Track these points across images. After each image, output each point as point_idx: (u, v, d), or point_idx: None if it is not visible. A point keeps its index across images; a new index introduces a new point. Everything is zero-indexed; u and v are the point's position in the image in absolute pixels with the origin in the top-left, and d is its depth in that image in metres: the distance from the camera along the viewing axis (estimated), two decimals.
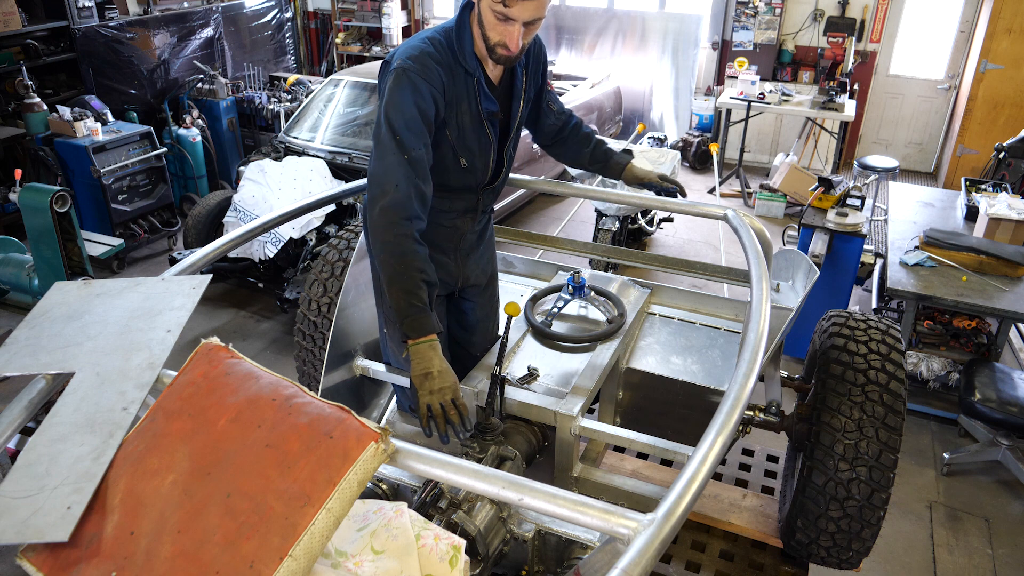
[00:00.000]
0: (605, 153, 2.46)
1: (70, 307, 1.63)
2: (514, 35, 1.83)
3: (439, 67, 1.88)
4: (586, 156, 2.46)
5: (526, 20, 1.81)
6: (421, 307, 1.76)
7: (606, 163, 2.46)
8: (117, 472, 1.28)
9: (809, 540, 2.11)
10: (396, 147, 1.82)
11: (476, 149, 2.06)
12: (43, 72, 6.50)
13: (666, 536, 1.13)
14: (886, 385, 2.01)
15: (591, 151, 2.45)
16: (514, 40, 1.84)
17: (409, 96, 1.83)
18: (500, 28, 1.83)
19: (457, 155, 2.03)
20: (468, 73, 1.95)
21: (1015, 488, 3.82)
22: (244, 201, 4.81)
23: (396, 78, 1.86)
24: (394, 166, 1.81)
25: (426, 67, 1.86)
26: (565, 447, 2.11)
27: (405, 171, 1.81)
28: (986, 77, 6.84)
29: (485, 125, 2.03)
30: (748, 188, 7.29)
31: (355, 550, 1.35)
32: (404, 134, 1.82)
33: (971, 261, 4.11)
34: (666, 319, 2.68)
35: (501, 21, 1.81)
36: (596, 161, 2.47)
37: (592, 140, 2.46)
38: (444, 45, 1.93)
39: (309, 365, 2.78)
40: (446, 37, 1.95)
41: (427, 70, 1.86)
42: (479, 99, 1.98)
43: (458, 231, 2.20)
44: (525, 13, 1.80)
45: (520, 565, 1.79)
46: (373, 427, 1.24)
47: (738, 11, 8.01)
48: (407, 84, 1.84)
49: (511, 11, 1.78)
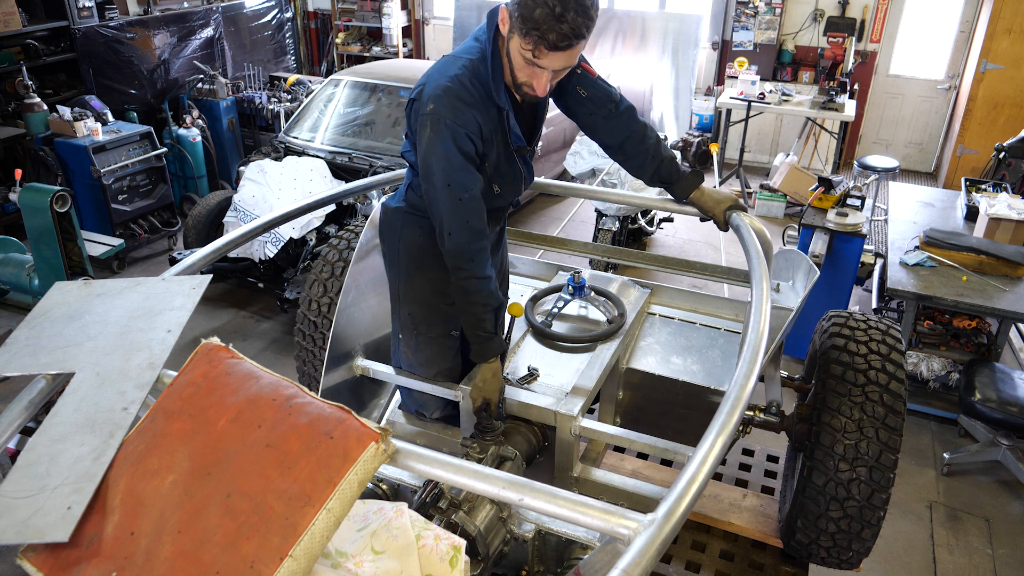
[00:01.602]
0: (671, 174, 2.22)
1: (70, 307, 1.63)
2: (543, 81, 1.81)
3: (472, 108, 1.85)
4: (648, 171, 2.21)
5: (557, 68, 1.80)
6: (485, 336, 1.98)
7: (672, 184, 2.24)
8: (117, 472, 1.28)
9: (809, 540, 2.11)
10: (447, 195, 1.85)
11: (509, 177, 2.07)
12: (43, 72, 6.50)
13: (666, 536, 1.13)
14: (886, 385, 2.01)
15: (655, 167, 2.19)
16: (542, 85, 1.82)
17: (451, 144, 1.83)
18: (528, 71, 1.81)
19: (491, 183, 2.04)
20: (499, 108, 1.92)
21: (1015, 488, 3.82)
22: (244, 201, 4.81)
23: (433, 127, 1.83)
24: (448, 213, 1.87)
25: (459, 112, 1.83)
26: (565, 447, 2.11)
27: (458, 217, 1.87)
28: (986, 77, 6.83)
29: (515, 156, 2.03)
30: (748, 188, 7.28)
31: (355, 550, 1.35)
32: (454, 180, 1.84)
33: (971, 261, 4.11)
34: (666, 319, 2.68)
35: (529, 64, 1.79)
36: (658, 179, 2.23)
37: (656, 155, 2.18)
38: (474, 81, 1.87)
39: (309, 365, 2.78)
40: (473, 72, 1.88)
41: (460, 115, 1.83)
42: (508, 134, 1.97)
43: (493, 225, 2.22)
44: (556, 63, 1.77)
45: (520, 565, 1.80)
46: (373, 427, 1.24)
47: (738, 11, 8.00)
48: (446, 133, 1.82)
49: (541, 61, 1.76)
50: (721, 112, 7.49)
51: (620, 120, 2.15)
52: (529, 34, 1.70)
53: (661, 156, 2.19)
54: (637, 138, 2.17)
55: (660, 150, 2.19)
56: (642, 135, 2.17)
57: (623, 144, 2.18)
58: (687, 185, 2.24)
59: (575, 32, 1.69)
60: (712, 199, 2.24)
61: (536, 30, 1.68)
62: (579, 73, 2.09)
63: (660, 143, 2.20)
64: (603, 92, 2.12)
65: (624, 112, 2.15)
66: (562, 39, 1.69)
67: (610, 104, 2.13)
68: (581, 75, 2.10)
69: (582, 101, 2.13)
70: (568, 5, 1.66)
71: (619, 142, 2.18)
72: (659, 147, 2.19)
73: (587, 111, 2.14)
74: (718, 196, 2.24)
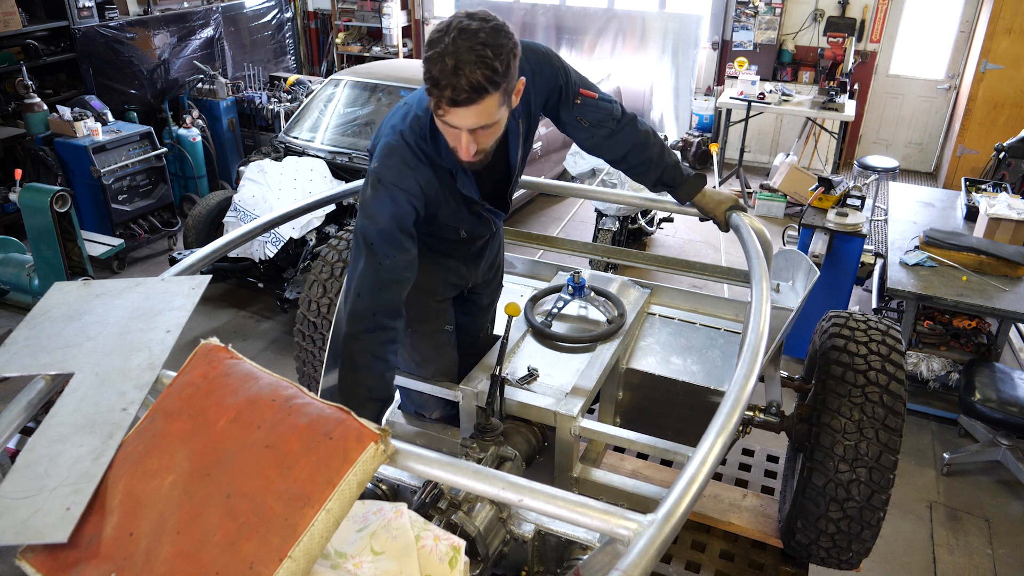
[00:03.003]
0: (674, 178, 2.20)
1: (70, 307, 1.62)
2: (463, 142, 1.68)
3: (414, 172, 1.79)
4: (652, 179, 2.20)
5: (469, 127, 1.66)
6: None
7: (675, 188, 2.22)
8: (116, 473, 1.28)
9: (809, 541, 2.11)
10: (368, 254, 1.78)
11: (476, 223, 2.03)
12: (43, 72, 6.50)
13: (666, 537, 1.13)
14: (886, 386, 2.00)
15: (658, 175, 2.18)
16: (463, 147, 1.69)
17: (386, 206, 1.77)
18: (449, 133, 1.71)
19: (458, 229, 2.01)
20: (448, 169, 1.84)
21: (1015, 488, 3.81)
22: (244, 201, 4.81)
23: (373, 186, 1.79)
24: (363, 274, 1.78)
25: (400, 174, 1.78)
26: (565, 447, 2.11)
27: (372, 281, 1.78)
28: (986, 77, 6.83)
29: (478, 208, 1.98)
30: (748, 188, 7.28)
31: (355, 551, 1.34)
32: (377, 244, 1.77)
33: (971, 261, 4.11)
34: (666, 319, 2.68)
35: (446, 126, 1.68)
36: (662, 185, 2.21)
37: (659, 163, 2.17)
38: (419, 140, 1.81)
39: (309, 365, 2.78)
40: (418, 131, 1.81)
41: (402, 177, 1.78)
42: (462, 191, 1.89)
43: (471, 242, 2.20)
44: (466, 121, 1.64)
45: (520, 566, 1.79)
46: (373, 428, 1.24)
47: (738, 11, 8.00)
48: (384, 195, 1.78)
49: (449, 118, 1.64)
50: (721, 112, 7.49)
51: (622, 135, 2.12)
52: (431, 92, 1.62)
53: (664, 163, 2.18)
54: (639, 148, 2.15)
55: (663, 157, 2.17)
56: (644, 144, 2.15)
57: (626, 156, 2.17)
58: (690, 189, 2.22)
59: (473, 86, 1.57)
60: (713, 200, 2.24)
61: (436, 87, 1.60)
62: (579, 103, 2.05)
63: (664, 150, 2.18)
64: (604, 114, 2.09)
65: (625, 126, 2.12)
66: (459, 93, 1.58)
67: (611, 123, 2.10)
68: (581, 105, 2.06)
69: (583, 129, 2.11)
70: (464, 59, 1.56)
71: (622, 155, 2.17)
72: (663, 154, 2.17)
73: (588, 135, 2.12)
74: (719, 197, 2.24)
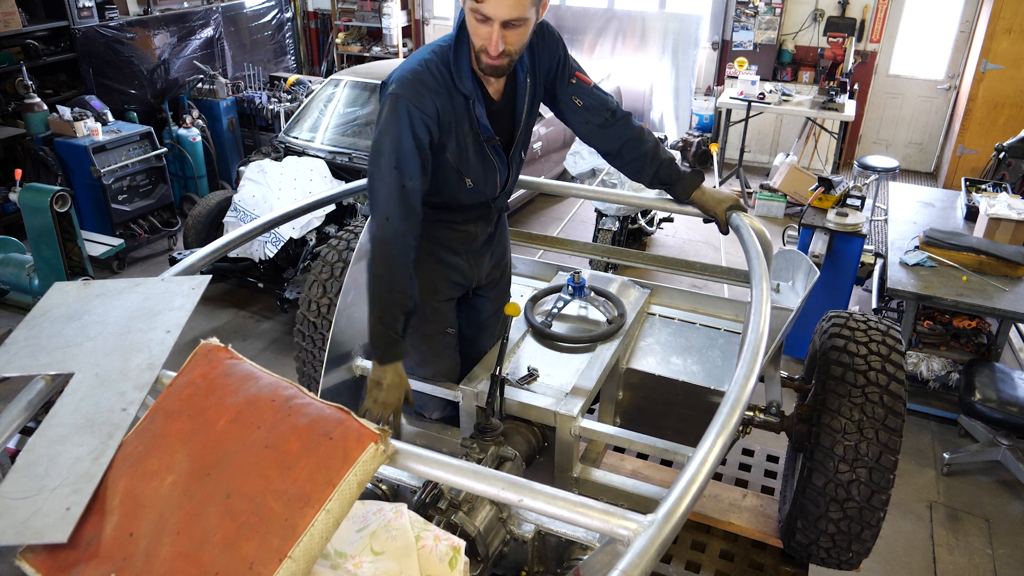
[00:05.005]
0: (671, 175, 2.20)
1: (70, 307, 1.63)
2: (492, 37, 1.75)
3: (433, 94, 1.84)
4: (648, 175, 2.20)
5: (503, 19, 1.73)
6: (394, 336, 1.88)
7: (672, 185, 2.22)
8: (116, 473, 1.28)
9: (809, 541, 2.11)
10: (393, 178, 1.82)
11: (480, 169, 2.04)
12: (43, 72, 6.50)
13: (666, 537, 1.13)
14: (886, 386, 2.00)
15: (654, 170, 2.19)
16: (492, 42, 1.75)
17: (406, 126, 1.82)
18: (480, 31, 1.77)
19: (462, 176, 2.01)
20: (465, 97, 1.89)
21: (1015, 488, 3.81)
22: (244, 201, 4.81)
23: (390, 105, 1.83)
24: (389, 197, 1.83)
25: (419, 94, 1.83)
26: (565, 447, 2.11)
27: (399, 204, 1.83)
28: (986, 77, 6.83)
29: (486, 148, 2.00)
30: (748, 188, 7.28)
31: (355, 551, 1.34)
32: (401, 164, 1.82)
33: (971, 261, 4.11)
34: (666, 319, 2.68)
35: (480, 22, 1.75)
36: (659, 181, 2.22)
37: (655, 158, 2.18)
38: (441, 66, 1.87)
39: (309, 366, 2.77)
40: (442, 57, 1.88)
41: (420, 97, 1.83)
42: (477, 124, 1.94)
43: (471, 235, 2.20)
44: (500, 10, 1.71)
45: (520, 566, 1.79)
46: (373, 428, 1.24)
47: (738, 11, 8.00)
48: (403, 114, 1.82)
49: (484, 7, 1.71)
50: (721, 112, 7.48)
51: (617, 128, 2.15)
52: None
53: (660, 159, 2.19)
54: (634, 143, 2.17)
55: (658, 153, 2.19)
56: (639, 139, 2.17)
57: (621, 150, 2.19)
58: (687, 186, 2.23)
59: None
60: (713, 199, 2.23)
61: None
62: (574, 83, 2.10)
63: (658, 146, 2.20)
64: (599, 101, 2.13)
65: (620, 120, 2.15)
66: None
67: (606, 112, 2.13)
68: (576, 85, 2.10)
69: (578, 111, 2.13)
70: None
71: (617, 148, 2.19)
72: (657, 150, 2.19)
73: (583, 120, 2.15)
74: (719, 196, 2.24)
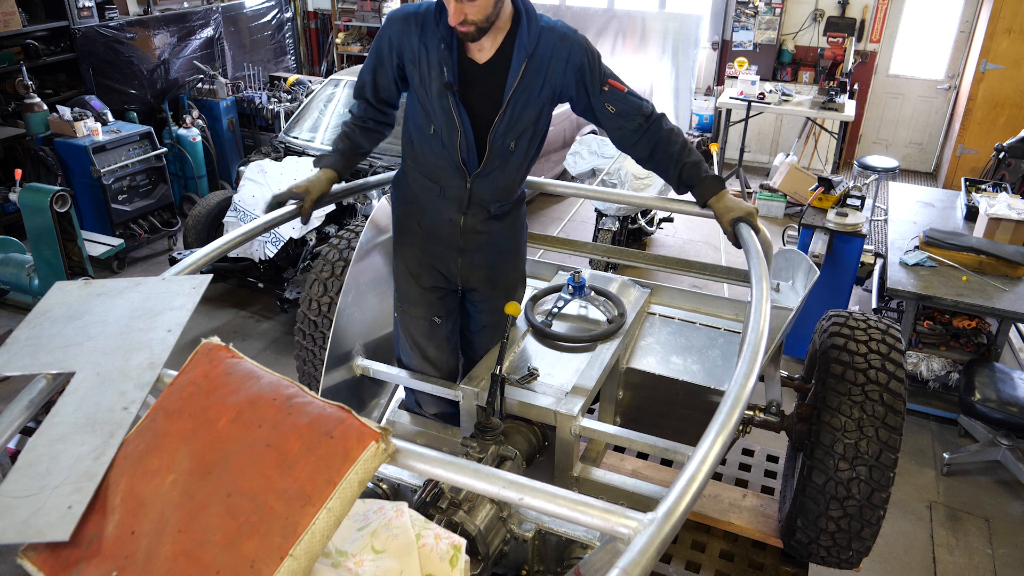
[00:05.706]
0: (692, 178, 2.16)
1: (70, 307, 1.63)
2: (451, 7, 1.91)
3: (407, 25, 2.07)
4: (673, 177, 2.18)
5: None
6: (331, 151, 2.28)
7: (691, 188, 2.18)
8: (118, 472, 1.28)
9: (809, 540, 2.11)
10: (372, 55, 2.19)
11: (443, 120, 2.08)
12: (43, 72, 6.50)
13: (666, 536, 1.13)
14: (886, 385, 2.01)
15: (678, 172, 2.16)
16: (452, 13, 1.91)
17: (384, 33, 2.14)
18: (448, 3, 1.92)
19: (429, 120, 2.11)
20: (440, 39, 2.02)
21: (1015, 488, 3.82)
22: (244, 201, 4.81)
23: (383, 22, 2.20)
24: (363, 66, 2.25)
25: (396, 19, 2.11)
26: (565, 447, 2.11)
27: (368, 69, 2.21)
28: (986, 77, 6.84)
29: (448, 97, 2.03)
30: (748, 188, 7.28)
31: (355, 549, 1.35)
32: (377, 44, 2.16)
33: (971, 261, 4.11)
34: (666, 319, 2.68)
35: None
36: (682, 184, 2.19)
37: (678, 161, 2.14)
38: (432, 10, 2.06)
39: (309, 365, 2.78)
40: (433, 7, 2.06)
41: (396, 22, 2.10)
42: (442, 66, 2.03)
43: (455, 225, 2.21)
44: None
45: (520, 565, 1.80)
46: (373, 427, 1.24)
47: (738, 11, 8.01)
48: (386, 23, 2.15)
49: None
50: (721, 112, 7.49)
51: (651, 131, 2.13)
52: None
53: (683, 162, 2.14)
54: (664, 144, 2.14)
55: (683, 156, 2.14)
56: (668, 141, 2.14)
57: (652, 153, 2.17)
58: (704, 191, 2.16)
59: None
60: (724, 207, 2.14)
61: None
62: (606, 90, 2.09)
63: (685, 148, 2.15)
64: (632, 107, 2.11)
65: (654, 123, 2.13)
66: None
67: (639, 117, 2.11)
68: (609, 92, 2.10)
69: (612, 117, 2.12)
70: None
71: (648, 153, 2.17)
72: (682, 152, 2.14)
73: (616, 125, 2.14)
74: (730, 204, 2.14)
